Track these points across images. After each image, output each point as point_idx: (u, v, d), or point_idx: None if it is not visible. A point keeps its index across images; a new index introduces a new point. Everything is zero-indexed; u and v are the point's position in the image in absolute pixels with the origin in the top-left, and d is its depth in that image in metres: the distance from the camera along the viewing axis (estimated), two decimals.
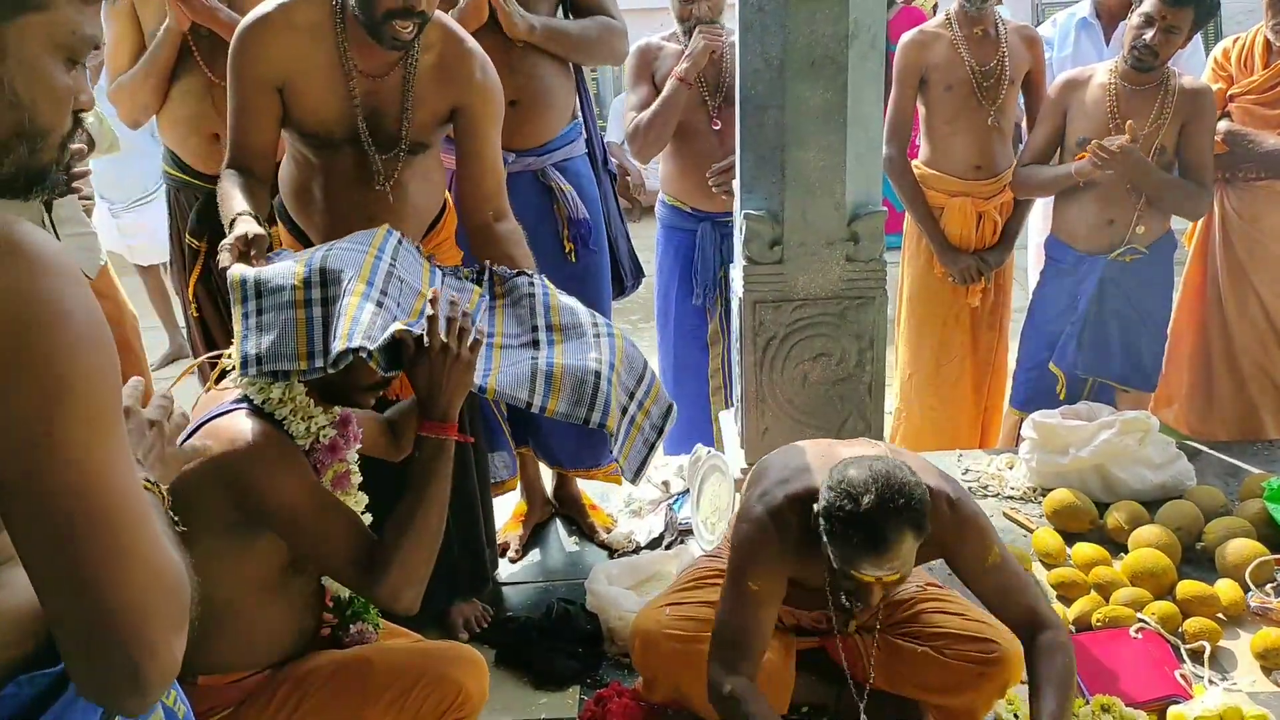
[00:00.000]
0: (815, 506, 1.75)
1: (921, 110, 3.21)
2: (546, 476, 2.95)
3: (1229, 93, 3.10)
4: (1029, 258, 3.84)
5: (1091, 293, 3.05)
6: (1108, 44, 3.52)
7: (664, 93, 2.97)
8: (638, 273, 2.90)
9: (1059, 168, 3.05)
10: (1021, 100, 3.28)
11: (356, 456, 1.77)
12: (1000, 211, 3.25)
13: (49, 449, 0.78)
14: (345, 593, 1.79)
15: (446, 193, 2.36)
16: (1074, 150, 3.01)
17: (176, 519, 1.06)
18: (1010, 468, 3.04)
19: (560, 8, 2.63)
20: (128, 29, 2.54)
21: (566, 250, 2.61)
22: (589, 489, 2.96)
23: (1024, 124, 3.37)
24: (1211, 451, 3.14)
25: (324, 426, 1.65)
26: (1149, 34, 2.84)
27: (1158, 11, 2.82)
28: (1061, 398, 3.13)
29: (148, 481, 1.04)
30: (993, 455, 3.14)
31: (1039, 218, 3.54)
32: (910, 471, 1.72)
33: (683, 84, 2.94)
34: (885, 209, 2.51)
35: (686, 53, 2.93)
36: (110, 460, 0.82)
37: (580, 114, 2.71)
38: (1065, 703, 1.76)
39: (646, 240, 3.21)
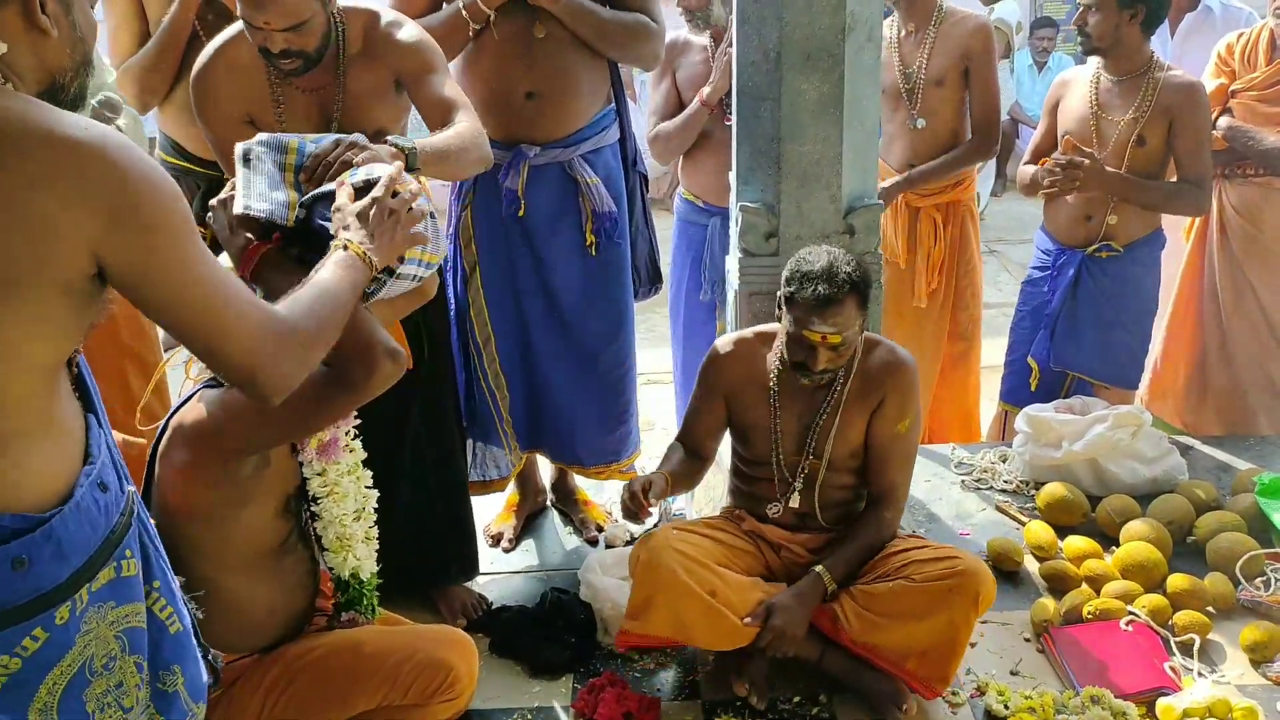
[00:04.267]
0: (778, 293, 2.11)
1: None
2: (543, 465, 2.96)
3: (1231, 88, 3.10)
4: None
5: (1066, 286, 3.05)
6: (1172, 35, 3.47)
7: (687, 111, 2.99)
8: (655, 279, 2.82)
9: (1031, 169, 3.05)
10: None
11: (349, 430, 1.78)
12: (941, 212, 3.24)
13: (165, 259, 1.11)
14: (345, 573, 1.80)
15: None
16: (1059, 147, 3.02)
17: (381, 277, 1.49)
18: (1003, 461, 3.06)
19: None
20: (130, 14, 2.53)
21: (588, 243, 2.56)
22: (584, 481, 2.96)
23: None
24: (1204, 446, 3.15)
25: None
26: (1088, 18, 2.86)
27: None
28: (1033, 389, 3.14)
29: (365, 253, 1.42)
30: (986, 449, 3.15)
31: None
32: (860, 257, 2.14)
33: (705, 106, 2.95)
34: (881, 202, 2.52)
35: (712, 78, 2.94)
36: (198, 259, 1.13)
37: (614, 103, 2.61)
38: (855, 557, 2.18)
39: (663, 234, 3.19)
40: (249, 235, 1.62)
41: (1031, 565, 2.59)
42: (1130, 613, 2.35)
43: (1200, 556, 2.56)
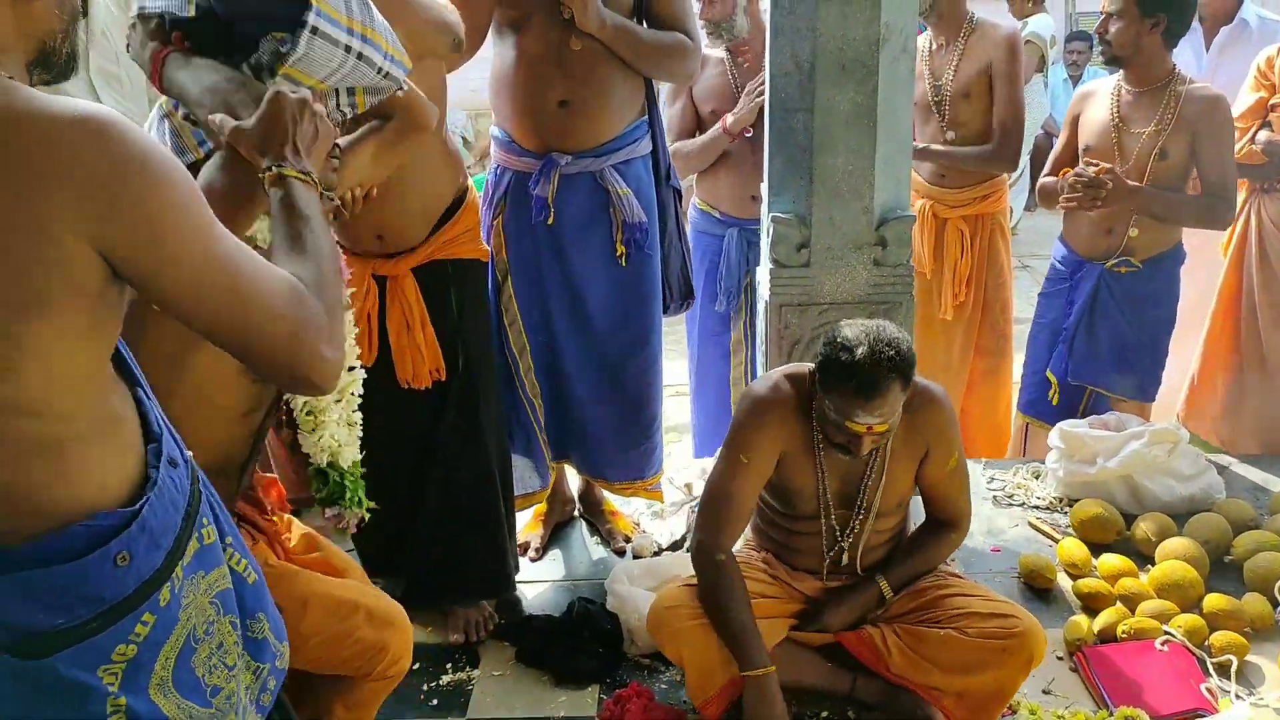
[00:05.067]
0: (811, 367, 2.02)
1: None
2: (571, 476, 2.96)
3: (1271, 101, 3.06)
4: None
5: (1085, 299, 3.03)
6: (1208, 49, 3.45)
7: (709, 135, 3.03)
8: (686, 294, 2.80)
9: (1052, 181, 3.04)
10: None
11: None
12: (969, 224, 3.23)
13: (176, 245, 1.03)
14: (322, 459, 1.72)
15: (469, 181, 2.36)
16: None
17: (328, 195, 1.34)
18: (1036, 477, 3.02)
19: (636, 17, 2.50)
20: None
21: (618, 253, 2.56)
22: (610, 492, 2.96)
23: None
24: (1241, 464, 3.11)
25: None
26: (1109, 26, 2.85)
27: (1112, 1, 2.84)
28: (1054, 403, 3.11)
29: (306, 175, 1.26)
30: (1018, 464, 3.12)
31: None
32: (898, 329, 1.97)
33: (727, 134, 2.97)
34: (913, 214, 2.50)
35: (736, 109, 2.96)
36: (213, 237, 1.05)
37: (648, 115, 2.60)
38: (914, 573, 2.17)
39: None
40: (155, 43, 1.52)
41: (1065, 583, 2.55)
42: (1166, 632, 2.31)
43: (1238, 576, 2.52)
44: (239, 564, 1.25)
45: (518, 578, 2.66)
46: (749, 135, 3.01)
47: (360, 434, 1.82)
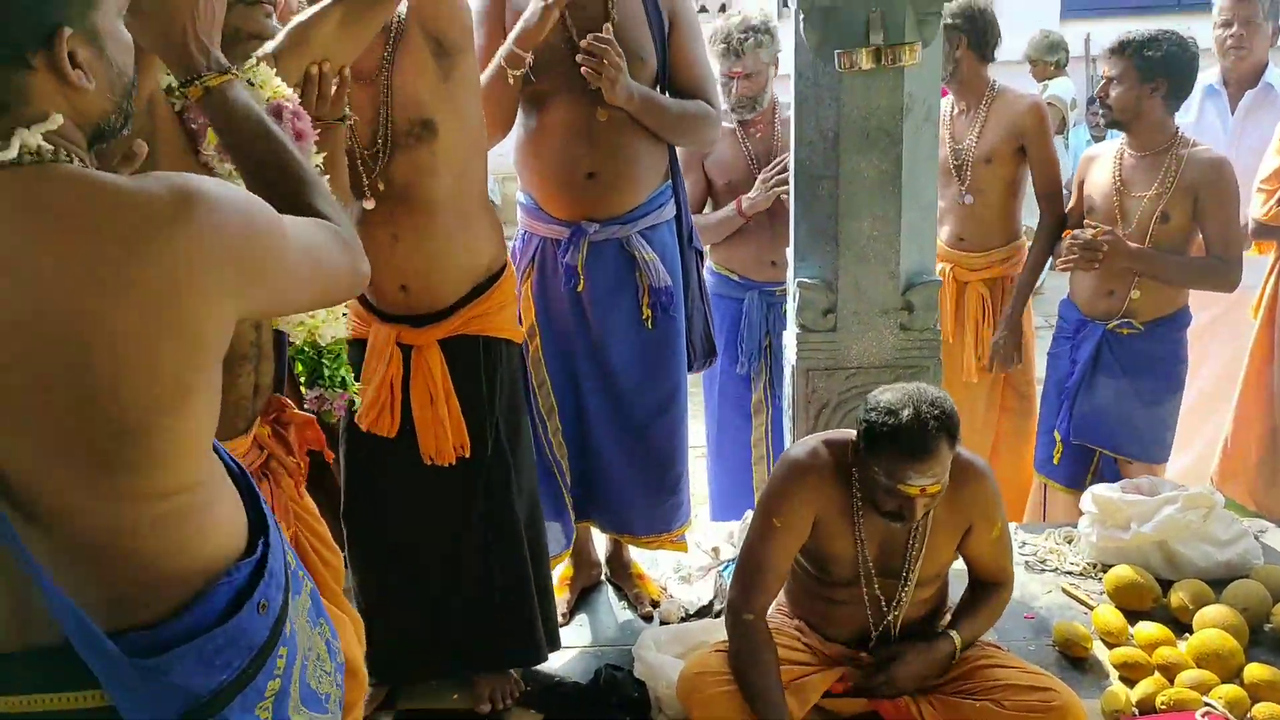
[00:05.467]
0: (854, 435, 2.02)
1: None
2: (597, 540, 2.95)
3: None
4: None
5: (1086, 359, 3.02)
6: (1233, 112, 3.48)
7: (723, 214, 3.09)
8: (709, 352, 2.83)
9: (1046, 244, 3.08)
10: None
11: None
12: (989, 287, 3.24)
13: (286, 277, 1.12)
14: (299, 337, 1.64)
15: (507, 255, 2.35)
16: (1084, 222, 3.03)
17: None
18: (1069, 542, 2.98)
19: (658, 85, 2.55)
20: None
21: (644, 316, 2.58)
22: (639, 555, 2.94)
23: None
24: (1279, 529, 3.05)
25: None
26: (1110, 90, 2.88)
27: (1112, 65, 2.87)
28: (1055, 462, 3.11)
29: (229, 71, 1.25)
30: (1050, 528, 3.08)
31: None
32: (938, 389, 2.00)
33: (741, 216, 3.04)
34: (940, 279, 2.52)
35: (751, 195, 3.03)
36: (292, 243, 1.12)
37: (671, 180, 2.64)
38: (981, 627, 2.20)
39: None
40: None
41: (1101, 651, 2.50)
42: (1206, 704, 2.25)
43: (1278, 645, 2.46)
44: (301, 574, 1.31)
45: None
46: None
47: (344, 314, 1.71)
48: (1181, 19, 7.98)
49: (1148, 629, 2.50)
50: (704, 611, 2.77)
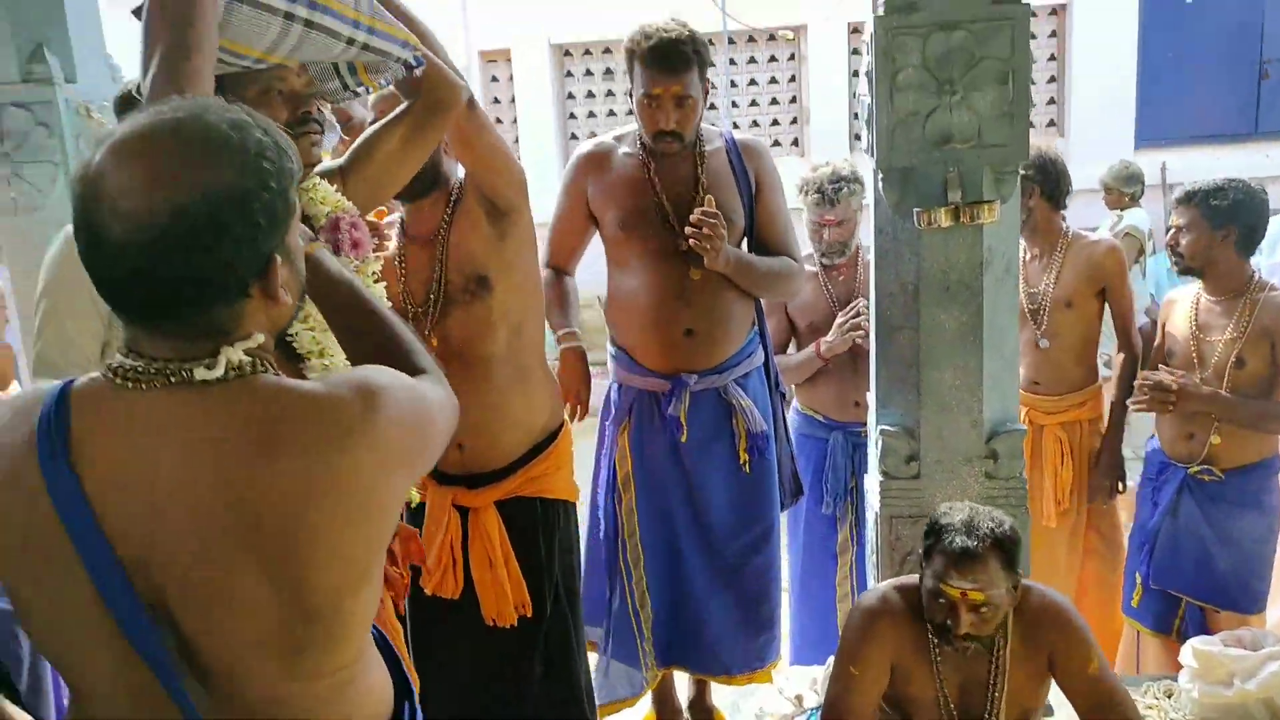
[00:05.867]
0: (920, 550, 2.05)
1: None
2: (679, 683, 2.93)
3: None
4: None
5: (1168, 503, 2.97)
6: None
7: (803, 355, 3.17)
8: (795, 491, 2.90)
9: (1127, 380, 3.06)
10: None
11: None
12: (1067, 431, 3.21)
13: (431, 432, 1.22)
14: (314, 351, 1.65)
15: (562, 409, 2.38)
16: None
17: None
18: (1169, 696, 2.86)
19: (745, 241, 2.67)
20: None
21: (741, 461, 2.65)
22: (720, 701, 2.91)
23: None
24: None
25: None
26: (1180, 239, 2.90)
27: (1180, 215, 2.90)
28: (1134, 605, 3.04)
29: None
30: (1148, 681, 2.97)
31: None
32: (1007, 516, 2.03)
33: (821, 359, 3.11)
34: (1025, 427, 2.52)
35: (829, 339, 3.10)
36: (428, 397, 1.23)
37: (758, 327, 2.73)
38: None
39: None
40: None
41: None
42: None
43: None
44: None
45: None
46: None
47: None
48: (1260, 146, 8.00)
49: None
50: None
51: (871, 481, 2.60)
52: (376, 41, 1.64)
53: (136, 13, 1.42)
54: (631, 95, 2.57)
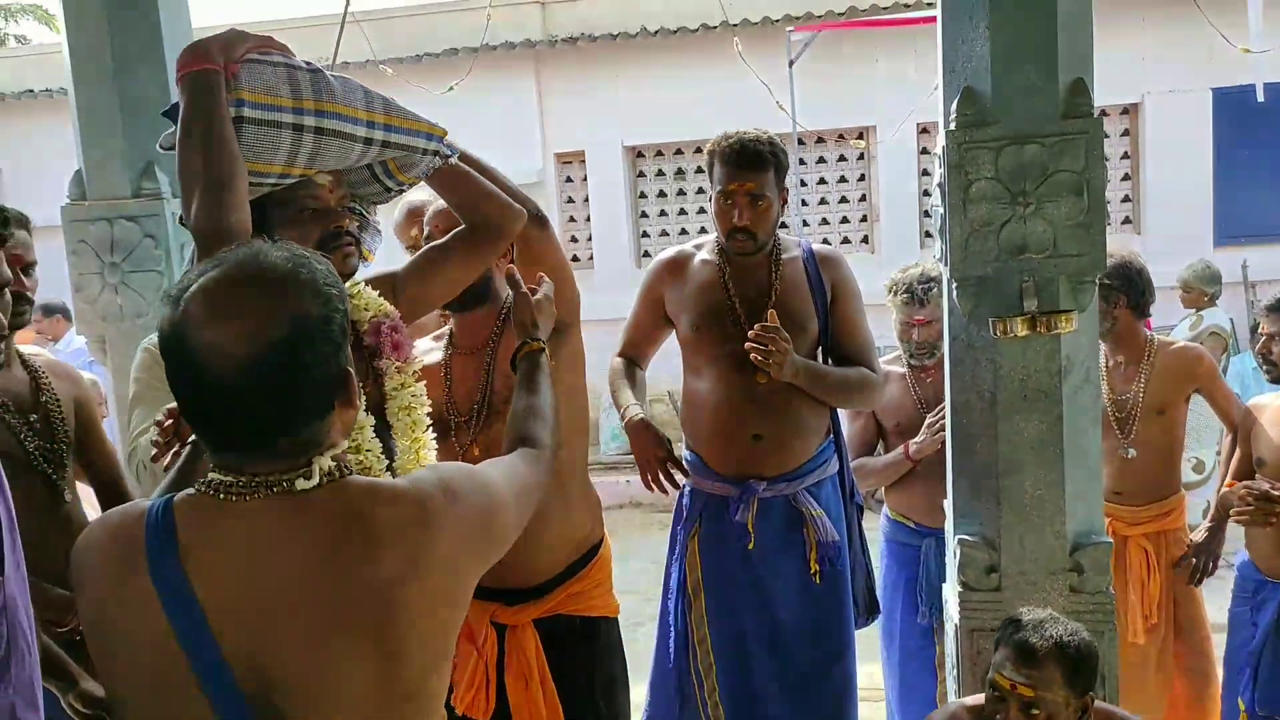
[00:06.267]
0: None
1: None
2: None
3: None
4: None
5: (1269, 623, 2.83)
6: None
7: (891, 457, 3.12)
8: (871, 608, 2.81)
9: (1228, 492, 2.93)
10: None
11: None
12: (1152, 542, 3.11)
13: (504, 522, 1.34)
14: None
15: (604, 531, 2.33)
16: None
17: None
18: None
19: (820, 350, 2.66)
20: None
21: (812, 571, 2.60)
22: None
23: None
24: None
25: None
26: (1272, 347, 2.86)
27: (1271, 323, 2.84)
28: None
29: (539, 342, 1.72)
30: None
31: None
32: (1088, 633, 2.04)
33: (909, 460, 3.07)
34: (1111, 540, 2.45)
35: (918, 440, 3.06)
36: (511, 488, 1.38)
37: (832, 435, 2.71)
38: None
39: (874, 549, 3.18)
40: None
41: None
42: None
43: None
44: None
45: None
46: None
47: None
48: None
49: None
50: None
51: (950, 592, 2.54)
52: (397, 137, 1.69)
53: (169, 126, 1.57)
54: (710, 198, 2.63)
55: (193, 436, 1.38)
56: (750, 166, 2.51)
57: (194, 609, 1.09)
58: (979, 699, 2.13)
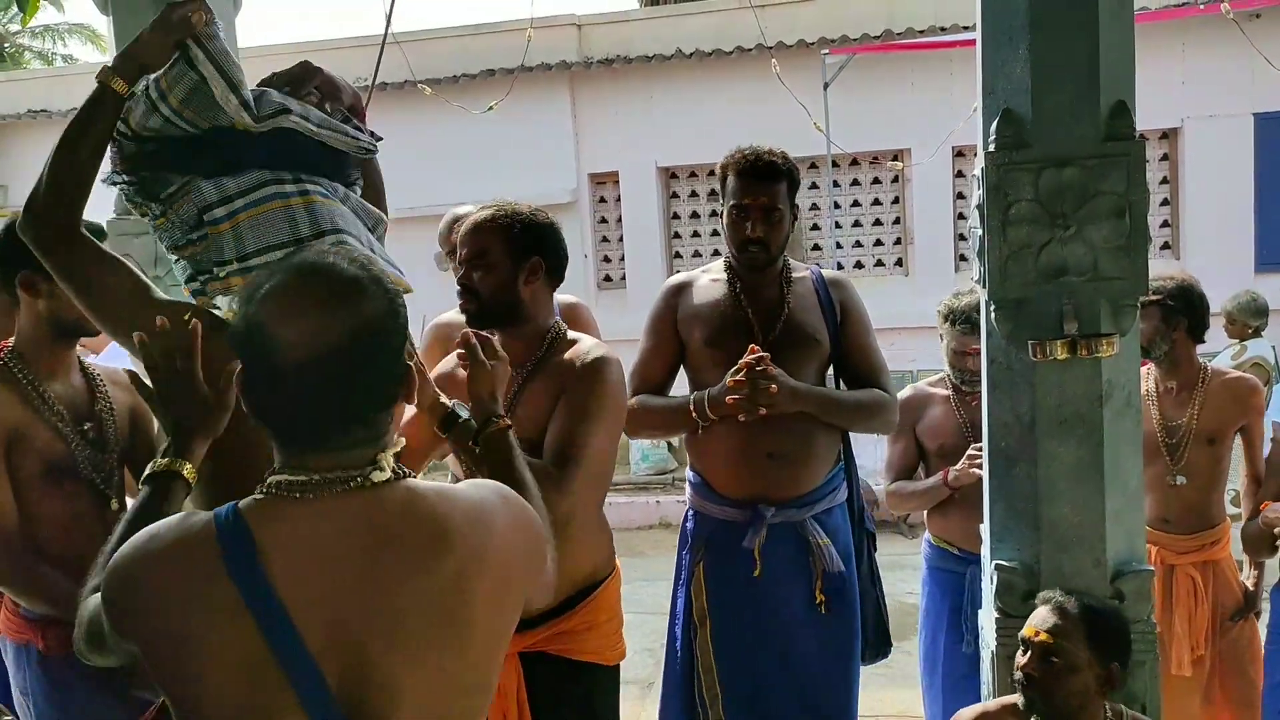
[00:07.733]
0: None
1: None
2: None
3: None
4: None
5: None
6: None
7: (930, 483, 3.08)
8: (882, 643, 2.75)
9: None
10: None
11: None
12: (1200, 570, 3.05)
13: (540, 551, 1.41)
14: None
15: (614, 567, 2.26)
16: None
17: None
18: None
19: (831, 368, 2.64)
20: None
21: (818, 601, 2.57)
22: None
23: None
24: None
25: None
26: None
27: None
28: None
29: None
30: None
31: None
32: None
33: (948, 488, 3.03)
34: (1152, 568, 2.41)
35: (957, 468, 3.01)
36: (533, 514, 1.42)
37: (844, 460, 2.68)
38: None
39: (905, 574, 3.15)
40: None
41: None
42: None
43: None
44: None
45: None
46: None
47: None
48: None
49: None
50: None
51: (986, 618, 2.50)
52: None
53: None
54: (723, 212, 2.62)
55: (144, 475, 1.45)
56: (764, 179, 2.52)
57: (278, 608, 1.13)
58: (1011, 700, 2.13)
